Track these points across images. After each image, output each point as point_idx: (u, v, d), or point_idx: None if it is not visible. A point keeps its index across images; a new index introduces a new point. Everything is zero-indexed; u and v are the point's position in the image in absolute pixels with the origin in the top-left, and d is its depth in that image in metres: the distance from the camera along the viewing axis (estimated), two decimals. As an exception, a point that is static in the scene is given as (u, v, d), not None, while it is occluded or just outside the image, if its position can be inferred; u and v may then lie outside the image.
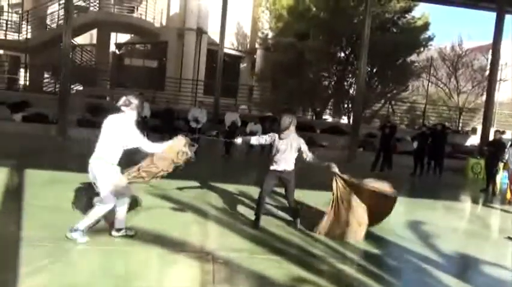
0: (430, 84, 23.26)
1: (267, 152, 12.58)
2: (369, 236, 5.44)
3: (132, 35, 21.76)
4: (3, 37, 18.81)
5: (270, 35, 20.93)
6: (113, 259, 4.03)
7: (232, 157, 12.32)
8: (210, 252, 4.34)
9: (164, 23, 20.20)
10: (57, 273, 3.58)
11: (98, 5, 19.09)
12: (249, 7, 22.08)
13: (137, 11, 20.12)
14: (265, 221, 5.57)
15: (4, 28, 19.17)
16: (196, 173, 7.21)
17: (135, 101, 4.31)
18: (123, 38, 22.41)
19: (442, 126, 13.78)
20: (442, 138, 13.28)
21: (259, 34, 21.68)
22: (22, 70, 22.00)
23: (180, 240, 4.64)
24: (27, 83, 19.87)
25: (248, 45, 22.84)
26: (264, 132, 13.38)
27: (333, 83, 21.36)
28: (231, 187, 7.47)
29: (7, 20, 19.46)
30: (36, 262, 3.69)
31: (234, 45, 22.21)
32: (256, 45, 22.41)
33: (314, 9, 17.68)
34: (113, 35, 22.04)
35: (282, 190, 5.63)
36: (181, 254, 4.27)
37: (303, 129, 15.15)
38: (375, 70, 20.88)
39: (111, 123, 4.27)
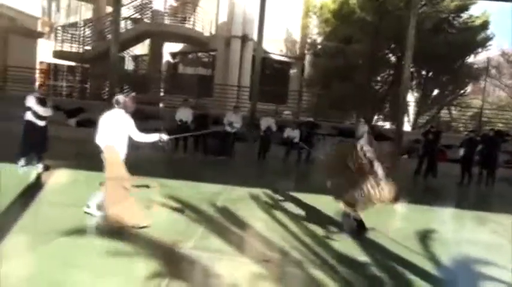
0: (494, 88, 21.52)
1: (305, 159, 12.59)
2: (365, 242, 5.16)
3: (186, 44, 22.60)
4: (67, 49, 20.55)
5: (319, 40, 20.69)
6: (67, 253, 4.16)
7: (266, 160, 12.54)
8: (178, 251, 4.35)
9: (213, 32, 20.77)
10: (20, 264, 3.82)
11: (150, 16, 20.09)
12: (298, 13, 21.99)
13: (189, 21, 20.87)
14: (265, 225, 5.51)
15: (70, 41, 20.90)
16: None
17: (122, 100, 5.00)
18: (177, 47, 23.33)
19: (494, 132, 12.68)
20: (495, 145, 12.21)
21: (308, 40, 21.51)
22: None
23: (152, 238, 4.62)
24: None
25: (298, 51, 22.73)
26: (303, 137, 13.22)
27: (386, 87, 20.59)
28: (245, 190, 7.42)
29: (72, 34, 21.16)
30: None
31: (283, 52, 22.22)
32: (305, 51, 22.24)
33: (359, 11, 17.16)
34: (168, 44, 23.06)
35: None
36: (143, 250, 4.25)
37: (342, 135, 14.77)
38: (430, 74, 19.86)
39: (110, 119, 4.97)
